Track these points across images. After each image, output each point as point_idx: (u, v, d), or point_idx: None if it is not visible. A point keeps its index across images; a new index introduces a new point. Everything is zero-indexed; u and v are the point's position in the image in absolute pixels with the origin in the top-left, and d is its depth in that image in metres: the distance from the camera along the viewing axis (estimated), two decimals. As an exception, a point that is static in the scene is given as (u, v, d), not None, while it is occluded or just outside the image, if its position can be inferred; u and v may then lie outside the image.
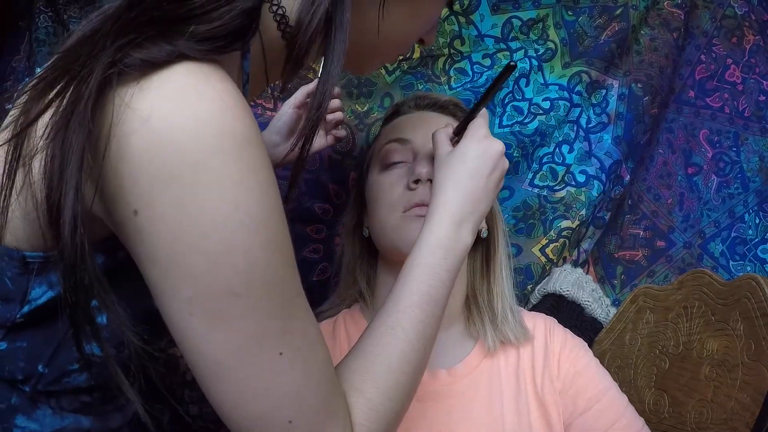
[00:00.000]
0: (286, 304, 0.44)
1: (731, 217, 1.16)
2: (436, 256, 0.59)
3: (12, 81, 1.15)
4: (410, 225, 0.72)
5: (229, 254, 0.40)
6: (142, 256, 0.42)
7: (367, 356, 0.54)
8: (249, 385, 0.44)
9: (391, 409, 0.52)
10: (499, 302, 0.78)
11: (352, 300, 0.84)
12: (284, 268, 0.44)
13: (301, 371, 0.45)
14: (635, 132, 1.11)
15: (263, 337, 0.43)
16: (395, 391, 0.53)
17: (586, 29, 1.11)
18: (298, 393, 0.45)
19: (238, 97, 0.43)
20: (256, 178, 0.41)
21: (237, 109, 0.41)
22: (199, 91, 0.41)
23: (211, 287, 0.41)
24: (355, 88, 1.07)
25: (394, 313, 0.56)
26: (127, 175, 0.39)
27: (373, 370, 0.53)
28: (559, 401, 0.74)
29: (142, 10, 0.43)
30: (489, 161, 0.65)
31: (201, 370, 0.44)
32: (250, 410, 0.45)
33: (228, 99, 0.41)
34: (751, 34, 1.18)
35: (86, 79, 0.40)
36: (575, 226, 1.07)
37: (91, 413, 0.56)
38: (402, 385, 0.53)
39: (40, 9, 1.09)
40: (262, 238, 0.41)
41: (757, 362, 0.72)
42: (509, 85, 1.11)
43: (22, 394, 0.51)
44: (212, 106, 0.40)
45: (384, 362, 0.53)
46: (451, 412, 0.72)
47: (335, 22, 0.48)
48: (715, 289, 0.83)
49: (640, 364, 0.91)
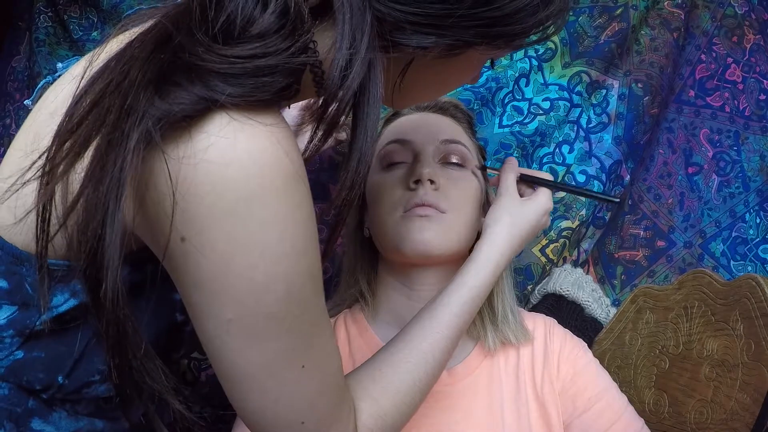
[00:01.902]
0: (313, 324, 0.48)
1: (732, 217, 1.16)
2: (478, 283, 0.67)
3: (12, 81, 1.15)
4: (411, 225, 0.72)
5: (273, 283, 0.43)
6: (185, 279, 0.44)
7: (395, 370, 0.58)
8: (272, 392, 0.47)
9: (398, 421, 0.57)
10: (500, 303, 0.78)
11: (352, 300, 0.84)
12: (315, 292, 0.47)
13: (318, 381, 0.49)
14: (635, 132, 1.11)
15: (291, 353, 0.46)
16: (407, 407, 0.58)
17: (586, 29, 1.11)
18: (313, 399, 0.49)
19: (288, 132, 0.44)
20: (301, 212, 0.44)
21: (287, 145, 0.43)
22: (252, 127, 0.41)
23: (253, 311, 0.44)
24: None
25: (431, 336, 0.61)
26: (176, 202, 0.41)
27: (394, 387, 0.57)
28: (558, 402, 0.74)
29: (173, 53, 0.42)
30: (537, 220, 0.73)
31: (230, 380, 0.48)
32: (269, 413, 0.48)
33: (278, 134, 0.43)
34: (752, 34, 1.17)
35: (124, 144, 0.40)
36: (575, 226, 1.07)
37: (105, 416, 0.57)
38: (414, 403, 0.58)
39: (40, 9, 1.09)
40: (302, 268, 0.44)
41: (757, 362, 0.72)
42: (509, 85, 1.11)
43: (39, 399, 0.53)
44: (265, 142, 0.41)
45: (407, 380, 0.57)
46: (451, 413, 0.72)
47: (367, 95, 0.47)
48: (715, 289, 0.82)
49: (640, 364, 0.91)
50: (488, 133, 1.10)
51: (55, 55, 1.10)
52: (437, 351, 0.61)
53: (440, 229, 0.73)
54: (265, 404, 0.48)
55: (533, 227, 0.73)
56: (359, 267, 0.84)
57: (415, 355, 0.59)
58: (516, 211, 0.72)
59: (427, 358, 0.60)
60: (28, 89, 1.13)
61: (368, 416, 0.54)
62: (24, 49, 1.14)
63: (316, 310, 0.48)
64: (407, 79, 0.53)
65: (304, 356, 0.47)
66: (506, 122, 1.11)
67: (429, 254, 0.73)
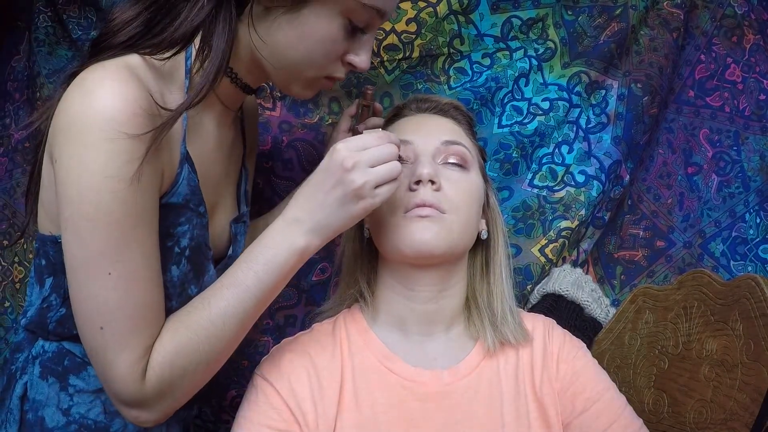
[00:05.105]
0: (120, 241, 0.60)
1: (732, 217, 1.16)
2: (262, 248, 0.67)
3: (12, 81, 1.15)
4: (411, 226, 0.73)
5: (88, 191, 0.59)
6: None
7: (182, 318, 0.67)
8: (84, 289, 0.61)
9: (193, 360, 0.65)
10: (499, 303, 0.79)
11: (352, 300, 0.84)
12: (125, 216, 0.60)
13: (122, 293, 0.61)
14: (635, 132, 1.11)
15: (100, 256, 0.60)
16: (188, 348, 0.65)
17: (585, 29, 1.11)
18: (113, 310, 0.61)
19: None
20: (124, 150, 0.59)
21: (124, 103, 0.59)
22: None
23: (76, 211, 0.59)
24: (355, 88, 1.07)
25: (216, 288, 0.67)
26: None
27: (201, 323, 0.65)
28: (557, 402, 0.74)
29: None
30: (329, 177, 0.66)
31: (67, 270, 0.62)
32: (83, 308, 0.62)
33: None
34: (751, 34, 1.17)
35: None
36: (575, 226, 1.07)
37: None
38: (197, 348, 0.65)
39: (39, 9, 1.09)
40: (111, 189, 0.59)
41: (756, 362, 0.72)
42: (509, 85, 1.11)
43: (74, 357, 0.69)
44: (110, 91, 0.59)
45: (189, 326, 0.65)
46: (451, 412, 0.72)
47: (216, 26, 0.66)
48: (715, 289, 0.83)
49: (640, 364, 0.91)
50: (488, 132, 1.10)
51: (55, 54, 1.10)
52: (213, 300, 0.66)
53: (440, 229, 0.73)
54: (81, 299, 0.62)
55: (320, 172, 0.67)
56: (359, 267, 0.84)
57: (200, 300, 0.67)
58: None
59: (206, 304, 0.66)
60: (28, 89, 1.13)
61: (163, 349, 0.63)
62: (23, 48, 1.14)
63: (126, 232, 0.60)
64: (272, 39, 0.68)
65: (110, 265, 0.60)
66: (506, 122, 1.11)
67: (429, 254, 0.73)
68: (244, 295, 0.65)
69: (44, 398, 0.69)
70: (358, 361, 0.75)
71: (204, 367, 0.66)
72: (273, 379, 0.72)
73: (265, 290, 0.66)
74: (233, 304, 0.65)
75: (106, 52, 0.65)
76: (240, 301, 0.65)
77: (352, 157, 0.65)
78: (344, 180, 0.65)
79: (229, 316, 0.65)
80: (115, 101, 0.58)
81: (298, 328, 1.05)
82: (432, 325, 0.78)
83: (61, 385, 0.69)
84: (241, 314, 0.66)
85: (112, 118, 0.58)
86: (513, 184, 1.10)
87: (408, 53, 1.07)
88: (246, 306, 0.66)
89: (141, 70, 0.63)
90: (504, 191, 1.10)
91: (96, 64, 0.62)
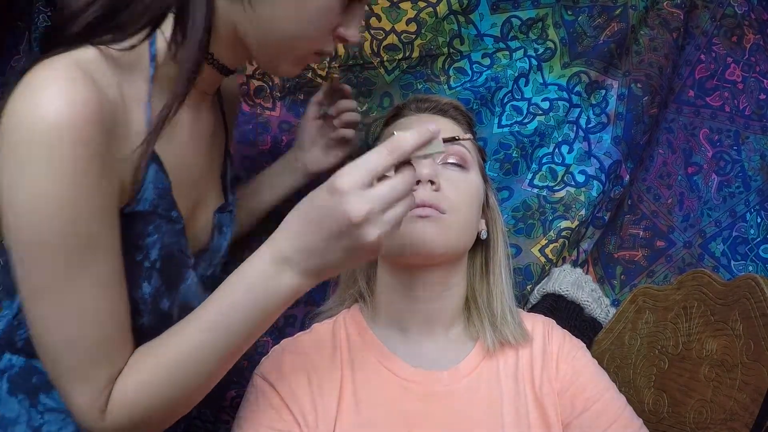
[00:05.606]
0: (69, 271, 0.53)
1: (732, 217, 1.16)
2: (243, 292, 0.57)
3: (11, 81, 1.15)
4: (411, 226, 0.72)
5: (29, 214, 0.52)
6: None
7: (156, 353, 0.60)
8: (37, 320, 0.55)
9: (157, 398, 0.59)
10: (499, 303, 0.79)
11: (352, 300, 0.84)
12: (73, 242, 0.53)
13: (74, 329, 0.55)
14: (635, 132, 1.11)
15: (45, 289, 0.54)
16: (174, 388, 0.59)
17: (585, 29, 1.11)
18: (67, 343, 0.55)
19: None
20: (67, 165, 0.51)
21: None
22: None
23: (15, 238, 0.53)
24: (354, 88, 1.07)
25: (190, 329, 0.59)
26: None
27: (152, 369, 0.59)
28: (557, 402, 0.74)
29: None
30: (332, 223, 0.53)
31: (19, 298, 0.57)
32: (36, 337, 0.56)
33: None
34: (751, 33, 1.17)
35: None
36: (575, 226, 1.07)
37: None
38: (158, 391, 0.59)
39: (39, 9, 1.09)
40: (52, 210, 0.52)
41: (757, 362, 0.72)
42: (508, 85, 1.11)
43: (43, 374, 0.62)
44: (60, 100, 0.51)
45: (161, 366, 0.58)
46: (451, 412, 0.72)
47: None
48: (715, 289, 0.82)
49: (640, 364, 0.91)
50: (487, 132, 1.10)
51: (55, 55, 1.10)
52: (189, 343, 0.58)
53: (440, 229, 0.73)
54: (33, 327, 0.56)
55: (319, 209, 0.54)
56: (359, 268, 0.84)
57: (176, 341, 0.59)
58: (312, 194, 0.56)
59: (183, 348, 0.58)
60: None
61: (124, 386, 0.58)
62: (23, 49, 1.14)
63: (77, 262, 0.54)
64: (262, 11, 0.61)
65: (59, 298, 0.54)
66: (505, 122, 1.11)
67: (429, 255, 0.73)
68: (216, 344, 0.58)
69: (14, 415, 0.64)
70: (357, 362, 0.75)
71: (170, 407, 0.60)
72: (273, 379, 0.72)
73: (242, 337, 0.59)
74: (204, 350, 0.58)
75: (58, 46, 0.56)
76: (213, 350, 0.58)
77: (361, 205, 0.52)
78: (352, 234, 0.53)
79: (200, 362, 0.58)
80: (62, 106, 0.50)
81: (297, 328, 1.05)
82: (432, 325, 0.78)
83: (31, 402, 0.64)
84: (213, 361, 0.59)
85: (57, 126, 0.50)
86: (513, 184, 1.10)
87: (408, 53, 1.07)
88: (219, 354, 0.58)
89: (95, 65, 0.55)
90: (504, 191, 1.09)
91: (45, 62, 0.54)
